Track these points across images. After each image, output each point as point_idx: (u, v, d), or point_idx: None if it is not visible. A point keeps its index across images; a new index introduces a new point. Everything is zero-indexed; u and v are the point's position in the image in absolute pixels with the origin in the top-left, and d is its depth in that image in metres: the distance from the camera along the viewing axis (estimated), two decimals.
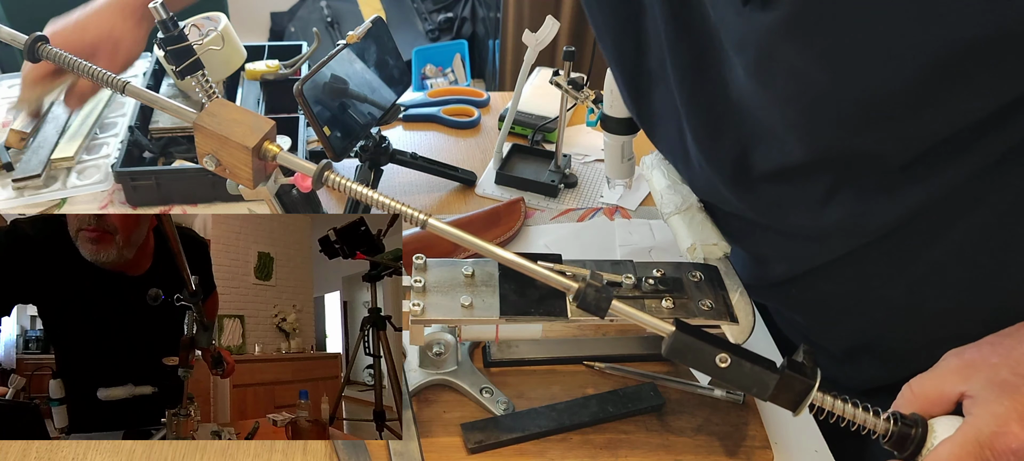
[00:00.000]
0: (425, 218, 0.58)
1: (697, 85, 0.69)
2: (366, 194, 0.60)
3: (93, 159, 1.11)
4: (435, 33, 2.42)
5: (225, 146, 0.63)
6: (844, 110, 0.57)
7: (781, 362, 0.58)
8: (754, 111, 0.65)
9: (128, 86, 0.66)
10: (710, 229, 0.83)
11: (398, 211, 0.58)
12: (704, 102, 0.70)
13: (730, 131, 0.69)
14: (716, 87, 0.67)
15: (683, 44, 0.68)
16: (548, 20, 0.97)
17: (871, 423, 0.56)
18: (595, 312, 0.58)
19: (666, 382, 0.78)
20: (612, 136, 0.96)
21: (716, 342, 0.58)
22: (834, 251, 0.71)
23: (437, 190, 1.09)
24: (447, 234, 0.58)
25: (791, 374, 0.57)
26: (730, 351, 0.57)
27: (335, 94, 0.91)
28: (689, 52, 0.68)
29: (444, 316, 0.68)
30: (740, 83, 0.64)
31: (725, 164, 0.71)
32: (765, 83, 0.60)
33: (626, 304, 0.59)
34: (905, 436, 0.55)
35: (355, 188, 0.60)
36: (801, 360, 0.57)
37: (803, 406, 0.57)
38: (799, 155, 0.64)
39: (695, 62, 0.68)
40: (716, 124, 0.70)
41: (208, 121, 0.63)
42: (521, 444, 0.72)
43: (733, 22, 0.58)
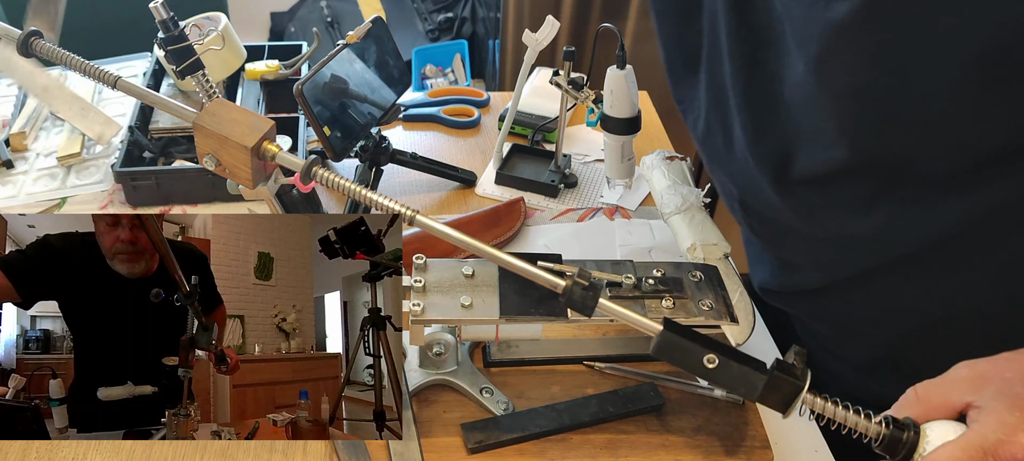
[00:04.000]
0: (412, 214, 0.58)
1: (752, 79, 0.69)
2: (353, 189, 0.60)
3: (93, 159, 1.11)
4: (435, 33, 2.42)
5: (224, 146, 0.63)
6: (893, 110, 0.57)
7: (771, 363, 0.57)
8: (805, 109, 0.65)
9: (120, 81, 0.66)
10: (710, 229, 0.83)
11: (386, 207, 0.58)
12: (757, 97, 0.70)
13: (778, 129, 0.69)
14: (770, 83, 0.67)
15: (742, 35, 0.68)
16: (548, 20, 0.97)
17: (862, 426, 0.56)
18: (582, 310, 0.58)
19: (666, 382, 0.78)
20: (612, 136, 0.96)
21: (704, 342, 0.57)
22: (869, 261, 0.71)
23: (437, 190, 1.09)
24: (436, 231, 0.58)
25: (780, 376, 0.56)
26: (718, 352, 0.57)
27: (335, 94, 0.91)
28: (748, 44, 0.68)
29: (444, 316, 0.68)
30: (796, 79, 0.64)
31: (769, 162, 0.71)
32: (823, 79, 0.60)
33: (624, 304, 0.59)
34: (897, 440, 0.55)
35: (345, 184, 0.60)
36: (792, 361, 0.57)
37: (793, 408, 0.56)
38: (844, 158, 0.64)
39: (752, 55, 0.68)
40: (765, 120, 0.70)
41: (207, 121, 0.63)
42: (521, 444, 0.72)
43: (800, 14, 0.58)
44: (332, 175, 0.61)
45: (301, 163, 0.61)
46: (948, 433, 0.54)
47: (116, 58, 1.35)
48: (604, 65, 0.94)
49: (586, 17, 1.72)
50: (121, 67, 1.33)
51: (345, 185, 0.60)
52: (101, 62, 1.32)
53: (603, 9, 1.71)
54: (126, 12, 1.68)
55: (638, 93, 0.96)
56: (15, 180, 1.08)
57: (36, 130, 1.16)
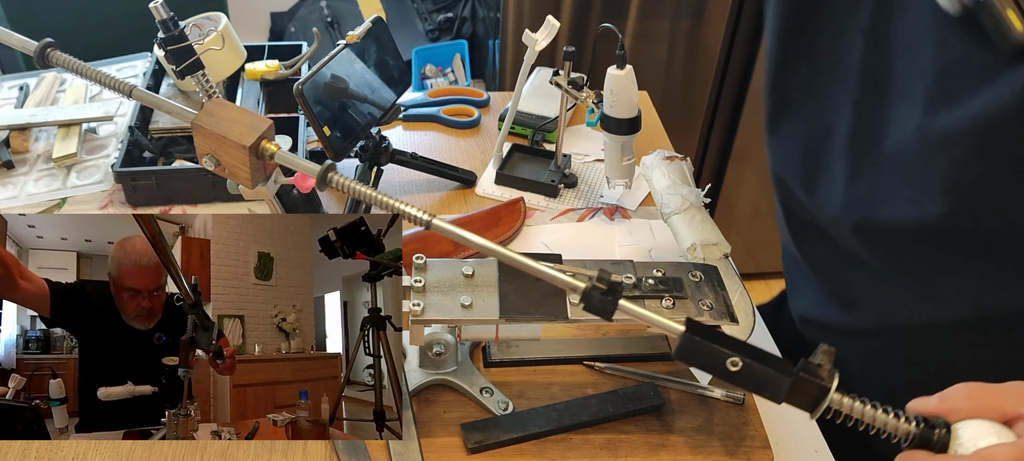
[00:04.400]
0: (429, 219, 0.57)
1: (863, 123, 0.69)
2: (371, 195, 0.59)
3: (93, 159, 1.11)
4: (435, 33, 2.41)
5: (223, 145, 0.63)
6: (999, 176, 0.57)
7: (797, 364, 0.56)
8: (911, 158, 0.64)
9: (135, 91, 0.66)
10: (710, 229, 0.83)
11: (400, 211, 0.58)
12: (868, 133, 0.69)
13: (874, 173, 0.68)
14: (877, 128, 0.67)
15: (865, 76, 0.67)
16: (548, 20, 0.97)
17: (892, 426, 0.55)
18: (601, 314, 0.56)
19: (666, 382, 0.78)
20: (612, 136, 0.96)
21: (728, 344, 0.56)
22: (939, 315, 0.70)
23: (437, 190, 1.09)
24: (453, 235, 0.58)
25: (806, 378, 0.54)
26: (742, 354, 0.55)
27: (335, 94, 0.91)
28: (867, 88, 0.67)
29: (444, 316, 0.68)
30: (911, 123, 0.63)
31: (860, 206, 0.70)
32: (944, 129, 0.59)
33: (638, 305, 0.58)
34: (928, 439, 0.54)
35: (360, 190, 0.60)
36: (818, 361, 0.55)
37: (819, 409, 0.55)
38: (941, 213, 0.63)
39: (868, 99, 0.67)
40: (866, 158, 0.69)
41: (206, 121, 0.63)
42: (521, 444, 0.72)
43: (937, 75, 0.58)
44: (346, 180, 0.60)
45: (306, 164, 0.61)
46: (984, 432, 0.53)
47: (116, 58, 1.35)
48: (604, 65, 0.94)
49: (586, 17, 1.72)
50: (121, 67, 1.33)
51: (363, 191, 0.59)
52: (101, 62, 1.33)
53: (603, 9, 1.71)
54: (126, 12, 1.68)
55: (638, 93, 0.96)
56: (15, 180, 1.08)
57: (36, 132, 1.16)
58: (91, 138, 1.16)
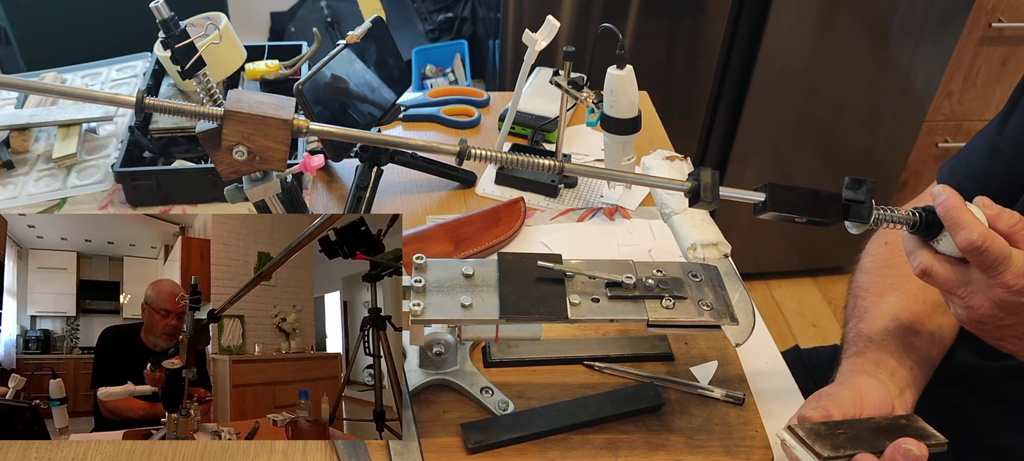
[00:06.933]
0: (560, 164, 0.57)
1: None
2: (513, 159, 0.63)
3: (93, 159, 1.11)
4: (435, 33, 2.41)
5: (260, 127, 0.61)
6: None
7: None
8: None
9: (147, 102, 0.65)
10: (710, 229, 0.83)
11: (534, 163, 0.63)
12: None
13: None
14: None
15: None
16: (548, 20, 0.97)
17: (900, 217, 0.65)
18: (711, 202, 0.62)
19: (666, 382, 0.78)
20: (612, 136, 0.96)
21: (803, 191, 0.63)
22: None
23: (437, 190, 1.09)
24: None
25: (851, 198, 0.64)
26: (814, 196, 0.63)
27: (335, 94, 0.91)
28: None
29: (444, 316, 0.68)
30: None
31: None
32: None
33: (626, 304, 0.59)
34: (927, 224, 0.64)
35: (502, 156, 0.64)
36: (863, 197, 0.64)
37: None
38: None
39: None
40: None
41: (238, 106, 0.62)
42: (521, 444, 0.72)
43: None
44: (487, 150, 0.63)
45: (355, 133, 0.63)
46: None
47: (116, 58, 1.35)
48: (604, 65, 0.93)
49: (586, 17, 1.72)
50: (121, 67, 1.33)
51: (507, 157, 0.63)
52: (101, 62, 1.33)
53: (603, 9, 1.71)
54: (126, 12, 1.68)
55: (638, 93, 0.96)
56: (16, 180, 1.08)
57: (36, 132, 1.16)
58: (91, 138, 1.16)
